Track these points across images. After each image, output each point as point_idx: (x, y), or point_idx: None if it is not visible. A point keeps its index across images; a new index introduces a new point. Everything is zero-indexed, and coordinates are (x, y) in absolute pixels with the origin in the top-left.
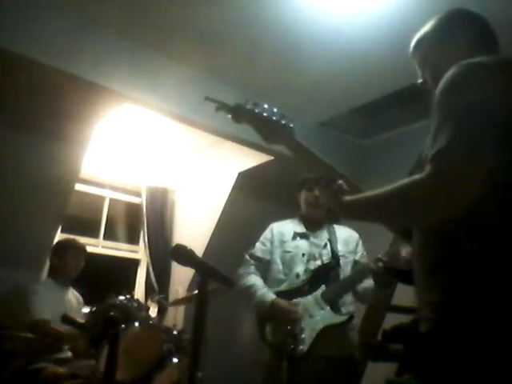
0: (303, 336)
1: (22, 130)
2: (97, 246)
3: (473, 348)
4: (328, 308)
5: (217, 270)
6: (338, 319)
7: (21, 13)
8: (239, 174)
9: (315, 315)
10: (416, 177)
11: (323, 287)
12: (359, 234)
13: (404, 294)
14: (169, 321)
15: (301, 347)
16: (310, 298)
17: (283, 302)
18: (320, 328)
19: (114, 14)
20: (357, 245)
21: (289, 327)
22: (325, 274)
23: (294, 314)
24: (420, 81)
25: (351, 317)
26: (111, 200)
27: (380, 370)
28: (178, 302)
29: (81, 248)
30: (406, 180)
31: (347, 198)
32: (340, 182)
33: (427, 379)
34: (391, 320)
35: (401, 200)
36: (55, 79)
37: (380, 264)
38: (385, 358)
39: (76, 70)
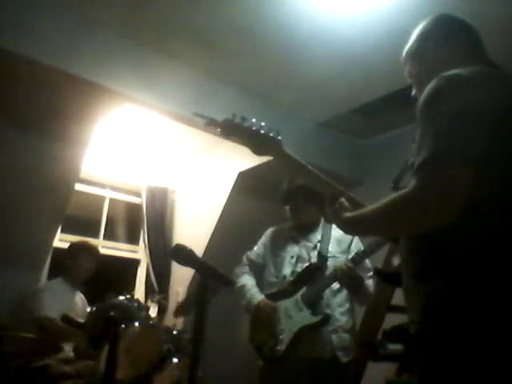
0: (281, 337)
1: (22, 130)
2: (97, 246)
3: (456, 350)
4: (306, 309)
5: (217, 269)
6: (313, 320)
7: (21, 13)
8: (239, 174)
9: (294, 316)
10: (403, 191)
11: (304, 289)
12: None
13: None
14: (169, 321)
15: (278, 347)
16: (291, 299)
17: (265, 304)
18: (296, 329)
19: (114, 14)
20: (350, 244)
21: (273, 326)
22: (309, 276)
23: (270, 315)
24: (414, 93)
25: (327, 317)
26: (111, 200)
27: (380, 370)
28: (179, 313)
29: (94, 252)
30: (396, 194)
31: (347, 214)
32: (342, 199)
33: (420, 379)
34: (391, 320)
35: (393, 214)
36: (55, 79)
37: (344, 272)
38: (385, 358)
39: (76, 70)
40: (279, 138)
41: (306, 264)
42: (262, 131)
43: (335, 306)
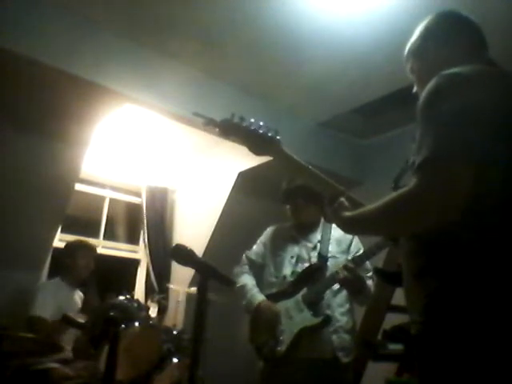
0: (282, 338)
1: (22, 130)
2: (97, 246)
3: (458, 350)
4: (306, 310)
5: (217, 269)
6: (314, 321)
7: (21, 13)
8: (239, 173)
9: (294, 317)
10: (404, 189)
11: (305, 289)
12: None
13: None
14: (169, 321)
15: (279, 348)
16: (292, 300)
17: (266, 306)
18: (297, 330)
19: (114, 14)
20: (350, 244)
21: (274, 327)
22: (309, 276)
23: (270, 317)
24: (415, 90)
25: (328, 318)
26: (111, 200)
27: (380, 370)
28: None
29: (91, 249)
30: (396, 192)
31: (347, 213)
32: (342, 199)
33: (421, 379)
34: (391, 320)
35: (393, 213)
36: (55, 79)
37: (345, 273)
38: (385, 358)
39: (76, 70)
40: (278, 137)
41: (306, 264)
42: (261, 131)
43: (335, 307)
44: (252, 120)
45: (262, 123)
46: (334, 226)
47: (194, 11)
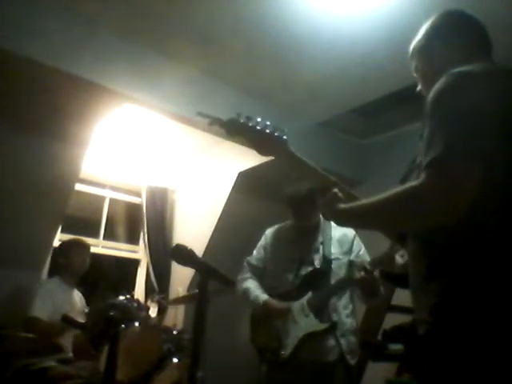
0: (286, 341)
1: (21, 130)
2: (97, 246)
3: (468, 349)
4: (312, 315)
5: (217, 269)
6: (320, 327)
7: (21, 13)
8: (239, 173)
9: (299, 322)
10: (411, 184)
11: (310, 293)
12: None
13: (404, 294)
14: (169, 321)
15: (282, 352)
16: (296, 303)
17: (274, 302)
18: (301, 335)
19: (114, 14)
20: (351, 244)
21: (276, 329)
22: (314, 280)
23: (281, 313)
24: (419, 88)
25: (334, 325)
26: (111, 200)
27: (380, 370)
28: (177, 301)
29: (85, 245)
30: (401, 187)
31: (342, 206)
32: (335, 190)
33: (426, 380)
34: (391, 320)
35: (397, 207)
36: (55, 79)
37: (362, 273)
38: (385, 357)
39: (76, 70)
40: (285, 137)
41: (310, 267)
42: (267, 130)
43: (341, 309)
44: (259, 119)
45: (268, 123)
46: (333, 226)
47: (194, 11)
